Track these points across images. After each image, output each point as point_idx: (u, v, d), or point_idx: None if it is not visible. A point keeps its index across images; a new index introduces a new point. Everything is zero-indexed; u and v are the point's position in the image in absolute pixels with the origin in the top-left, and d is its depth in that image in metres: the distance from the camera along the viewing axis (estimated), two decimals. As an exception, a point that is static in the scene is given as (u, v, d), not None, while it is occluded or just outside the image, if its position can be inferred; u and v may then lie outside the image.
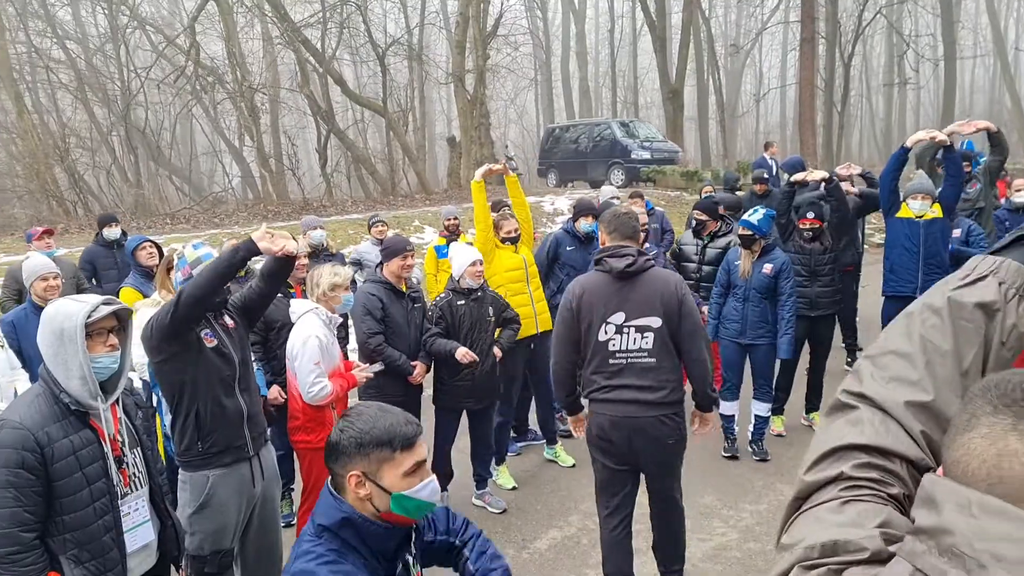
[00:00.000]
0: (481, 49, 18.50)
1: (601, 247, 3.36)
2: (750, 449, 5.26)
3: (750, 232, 4.95)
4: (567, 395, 3.47)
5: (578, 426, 3.57)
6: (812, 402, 5.77)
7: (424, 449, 1.69)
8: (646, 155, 18.67)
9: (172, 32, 19.22)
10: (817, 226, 5.41)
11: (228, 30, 16.58)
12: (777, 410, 5.55)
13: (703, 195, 8.42)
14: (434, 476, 1.69)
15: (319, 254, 6.27)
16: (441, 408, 4.54)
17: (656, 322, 3.19)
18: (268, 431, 3.21)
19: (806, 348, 5.67)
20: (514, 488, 4.99)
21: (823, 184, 5.69)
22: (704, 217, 5.80)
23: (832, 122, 24.62)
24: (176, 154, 24.94)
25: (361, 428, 1.60)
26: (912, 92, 34.21)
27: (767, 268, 4.92)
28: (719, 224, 5.83)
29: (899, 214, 5.41)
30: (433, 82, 24.13)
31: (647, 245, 4.88)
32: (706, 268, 5.75)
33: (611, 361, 3.24)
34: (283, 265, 2.92)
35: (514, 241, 5.01)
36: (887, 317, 5.54)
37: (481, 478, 4.78)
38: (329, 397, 3.61)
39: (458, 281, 4.42)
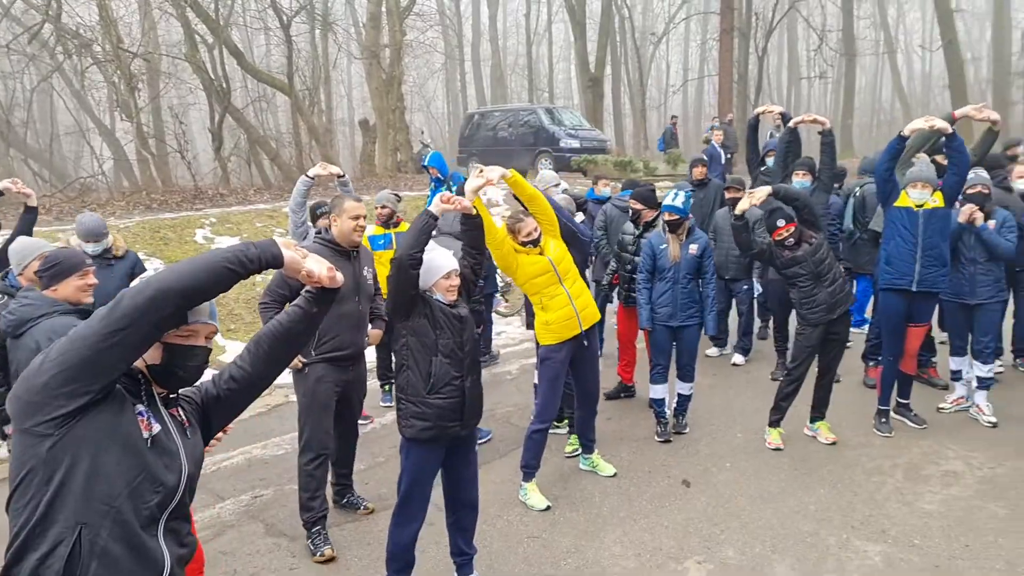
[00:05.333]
0: (398, 24, 16.83)
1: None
2: (673, 421, 5.38)
3: (676, 216, 5.00)
4: None
5: None
6: (819, 411, 5.22)
7: None
8: (575, 144, 17.67)
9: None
10: (793, 228, 4.80)
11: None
12: (775, 422, 5.14)
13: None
14: None
15: None
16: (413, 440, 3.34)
17: None
18: None
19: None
20: (548, 508, 4.28)
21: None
22: (640, 206, 5.55)
23: (746, 116, 24.58)
24: (33, 134, 21.64)
25: None
26: (818, 87, 35.27)
27: (693, 248, 5.04)
28: (655, 214, 5.52)
29: (897, 203, 5.02)
30: (338, 60, 22.14)
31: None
32: (639, 260, 5.42)
33: None
34: (318, 312, 1.96)
35: (536, 243, 4.14)
36: (883, 312, 5.25)
37: (465, 556, 3.56)
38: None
39: (425, 292, 3.27)
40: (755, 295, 7.40)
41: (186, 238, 9.64)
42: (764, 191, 4.78)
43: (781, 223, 4.79)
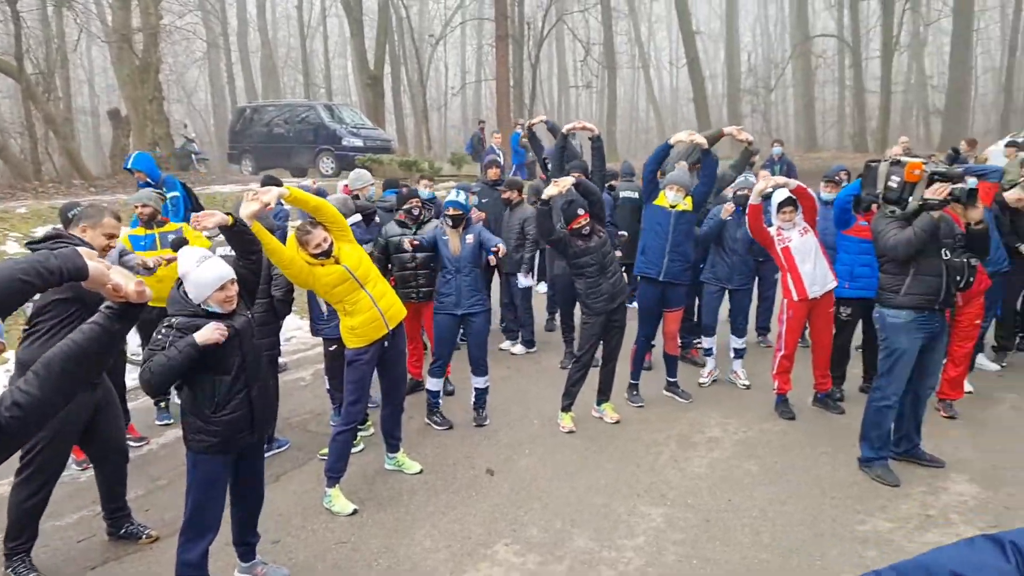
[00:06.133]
0: (152, 5, 15.29)
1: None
2: (474, 413, 5.53)
3: (459, 211, 5.28)
4: None
5: None
6: (604, 394, 5.62)
7: None
8: (358, 142, 17.36)
9: None
10: (588, 219, 5.17)
11: None
12: (567, 407, 5.47)
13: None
14: None
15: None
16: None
17: None
18: None
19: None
20: (355, 512, 4.16)
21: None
22: (420, 204, 5.83)
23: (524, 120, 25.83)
24: None
25: None
26: (585, 96, 37.95)
27: (470, 239, 5.31)
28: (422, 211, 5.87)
29: (656, 202, 5.65)
30: (79, 42, 19.57)
31: None
32: (420, 256, 5.74)
33: None
34: (120, 330, 1.77)
35: (328, 253, 4.00)
36: (640, 298, 5.89)
37: (248, 546, 3.55)
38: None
39: (200, 305, 3.09)
40: (540, 290, 7.83)
41: None
42: (568, 181, 5.07)
43: (581, 212, 5.12)
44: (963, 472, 4.52)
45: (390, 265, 5.76)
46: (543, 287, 8.65)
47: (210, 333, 2.99)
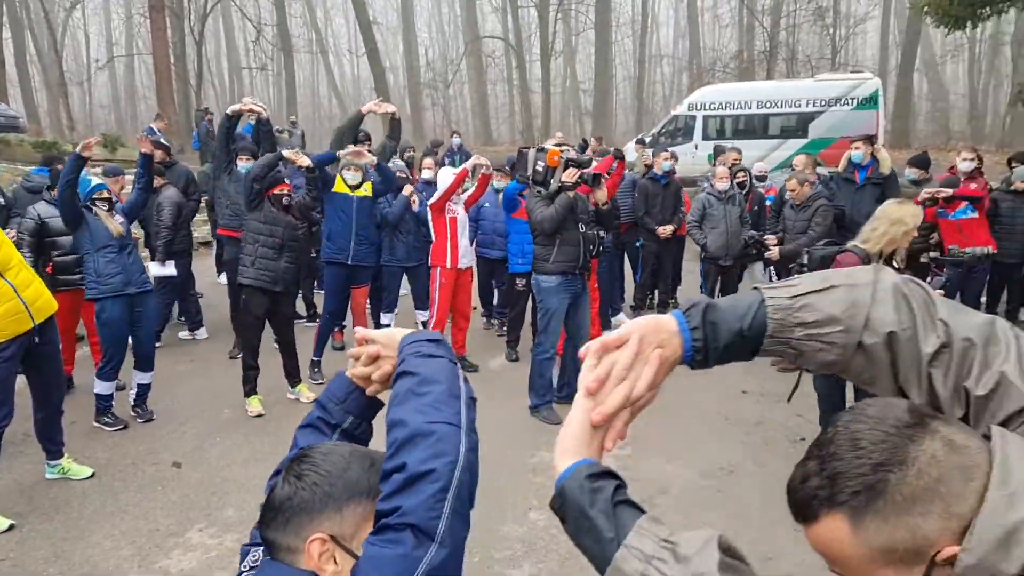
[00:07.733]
0: None
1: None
2: (133, 414, 5.12)
3: (105, 193, 5.06)
4: None
5: None
6: (292, 377, 5.61)
7: None
8: (-28, 119, 14.39)
9: None
10: (288, 193, 5.39)
11: None
12: (248, 392, 5.38)
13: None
14: None
15: None
16: None
17: None
18: None
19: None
20: (11, 528, 3.70)
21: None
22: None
23: (189, 101, 23.73)
24: None
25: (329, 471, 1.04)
26: (260, 79, 36.00)
27: (119, 218, 5.07)
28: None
29: (335, 188, 5.89)
30: None
31: None
32: (61, 240, 5.43)
33: None
34: None
35: None
36: (328, 281, 6.11)
37: None
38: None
39: None
40: (221, 281, 7.51)
41: None
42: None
43: (286, 181, 5.45)
44: (604, 405, 5.50)
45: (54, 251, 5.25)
46: (223, 278, 8.28)
47: None
